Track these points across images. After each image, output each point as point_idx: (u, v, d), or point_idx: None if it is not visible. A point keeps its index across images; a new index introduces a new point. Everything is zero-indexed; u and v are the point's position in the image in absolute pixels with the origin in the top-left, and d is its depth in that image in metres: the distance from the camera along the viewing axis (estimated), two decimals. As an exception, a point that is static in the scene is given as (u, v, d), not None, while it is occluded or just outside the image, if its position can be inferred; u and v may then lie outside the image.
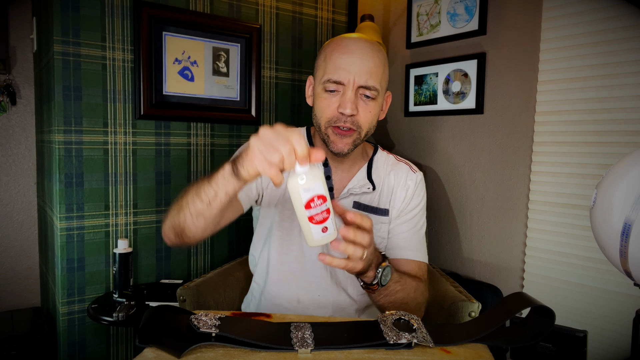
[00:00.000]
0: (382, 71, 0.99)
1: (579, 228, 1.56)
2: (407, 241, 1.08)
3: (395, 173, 1.11)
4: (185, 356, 0.68)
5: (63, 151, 1.69)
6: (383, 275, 0.87)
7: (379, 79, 0.98)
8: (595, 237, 0.80)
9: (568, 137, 1.58)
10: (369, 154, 1.14)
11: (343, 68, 0.95)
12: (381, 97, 1.02)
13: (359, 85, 0.95)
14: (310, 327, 0.76)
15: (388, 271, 0.89)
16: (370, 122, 1.01)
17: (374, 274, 0.87)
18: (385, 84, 1.02)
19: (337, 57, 0.96)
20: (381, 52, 1.00)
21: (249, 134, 2.44)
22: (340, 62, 0.95)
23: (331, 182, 1.08)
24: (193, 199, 0.85)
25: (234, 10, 2.03)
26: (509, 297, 0.80)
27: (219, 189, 0.79)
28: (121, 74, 1.80)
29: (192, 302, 1.27)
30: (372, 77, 0.95)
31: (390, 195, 1.10)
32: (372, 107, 0.99)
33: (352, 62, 0.94)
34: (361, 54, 0.95)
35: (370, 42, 1.00)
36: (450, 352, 0.72)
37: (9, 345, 1.81)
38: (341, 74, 0.95)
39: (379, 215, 1.08)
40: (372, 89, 0.96)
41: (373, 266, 0.87)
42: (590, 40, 1.51)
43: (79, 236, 1.74)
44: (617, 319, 1.47)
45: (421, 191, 1.12)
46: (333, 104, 0.97)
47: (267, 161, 0.69)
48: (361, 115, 0.97)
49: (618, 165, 0.78)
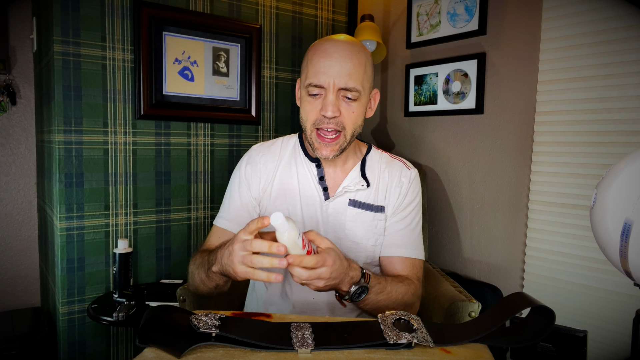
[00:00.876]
0: (363, 72, 1.00)
1: (579, 228, 1.56)
2: (402, 239, 1.09)
3: (389, 170, 1.12)
4: (185, 356, 0.68)
5: (63, 151, 1.69)
6: (354, 293, 0.91)
7: (360, 80, 0.99)
8: (595, 237, 0.80)
9: (568, 137, 1.58)
10: (363, 152, 1.15)
11: (322, 72, 0.97)
12: (365, 97, 1.02)
13: (339, 88, 0.97)
14: (311, 327, 0.76)
15: (362, 290, 0.92)
16: (355, 122, 1.02)
17: (347, 290, 0.91)
18: (368, 83, 1.03)
19: (317, 61, 0.98)
20: (362, 53, 1.00)
21: (249, 134, 2.45)
22: (320, 66, 0.97)
23: (325, 182, 1.09)
24: (201, 269, 0.98)
25: (234, 10, 2.03)
26: (509, 297, 0.80)
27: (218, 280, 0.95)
28: (121, 74, 1.80)
29: (192, 302, 1.27)
30: (351, 78, 0.97)
31: (386, 192, 1.10)
32: (355, 108, 1.00)
33: (331, 66, 0.97)
34: (340, 57, 0.97)
35: (351, 43, 1.00)
36: (450, 352, 0.72)
37: (9, 345, 1.81)
38: (321, 78, 0.97)
39: (375, 212, 1.09)
40: (353, 90, 0.98)
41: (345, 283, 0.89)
42: (590, 40, 1.51)
43: (79, 236, 1.74)
44: (617, 319, 1.47)
45: (416, 187, 1.12)
46: (316, 107, 1.00)
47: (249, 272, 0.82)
48: (344, 116, 1.00)
49: (618, 165, 0.78)
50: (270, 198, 1.10)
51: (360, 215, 1.08)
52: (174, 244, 1.96)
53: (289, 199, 1.09)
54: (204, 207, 2.03)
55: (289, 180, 1.10)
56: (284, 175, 1.11)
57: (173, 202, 1.95)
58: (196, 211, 2.01)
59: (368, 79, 1.02)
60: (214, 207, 2.05)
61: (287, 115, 2.23)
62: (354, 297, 0.91)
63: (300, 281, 0.83)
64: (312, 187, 1.09)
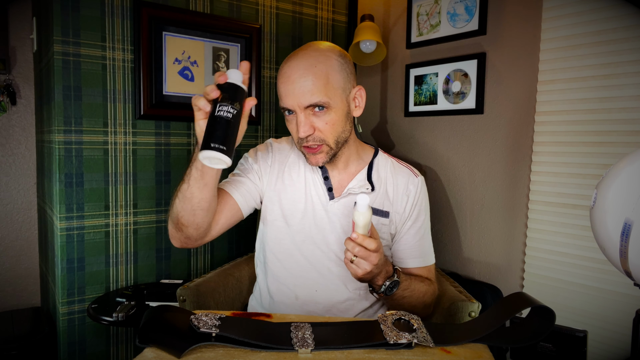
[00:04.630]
0: (325, 82, 0.98)
1: (579, 228, 1.56)
2: (417, 250, 1.12)
3: (396, 176, 1.13)
4: (185, 356, 0.68)
5: (63, 151, 1.69)
6: (388, 287, 0.96)
7: (322, 91, 0.98)
8: (595, 237, 0.80)
9: (568, 137, 1.58)
10: (369, 155, 1.15)
11: (285, 96, 0.99)
12: (337, 103, 1.01)
13: (305, 106, 0.98)
14: (311, 327, 0.76)
15: (395, 284, 0.97)
16: (334, 131, 1.02)
17: (382, 283, 0.96)
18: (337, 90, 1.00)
19: (280, 86, 1.01)
20: (320, 64, 0.98)
21: (249, 134, 2.44)
22: (283, 91, 1.00)
23: (329, 182, 1.10)
24: (179, 185, 0.96)
25: (234, 10, 2.03)
26: (509, 297, 0.80)
27: (191, 165, 0.93)
28: (121, 74, 1.80)
29: (192, 302, 1.27)
30: (313, 94, 0.97)
31: (392, 197, 1.11)
32: (329, 119, 1.00)
33: (291, 90, 0.98)
34: (297, 77, 0.98)
35: (307, 57, 0.99)
36: (450, 352, 0.72)
37: (9, 345, 1.81)
38: (287, 102, 1.00)
39: (380, 216, 1.09)
40: (319, 103, 0.98)
41: (381, 277, 0.94)
42: (590, 40, 1.51)
43: (79, 236, 1.74)
44: (617, 319, 1.47)
45: (424, 196, 1.15)
46: (294, 125, 1.02)
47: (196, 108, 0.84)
48: (320, 130, 1.00)
49: (618, 165, 0.78)
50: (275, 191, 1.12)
51: None
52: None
53: (295, 195, 1.11)
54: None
55: (297, 177, 1.12)
56: (293, 170, 1.13)
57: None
58: (196, 211, 2.01)
59: (334, 86, 1.00)
60: (214, 207, 2.04)
61: (287, 115, 2.23)
62: (387, 291, 0.96)
63: (350, 258, 0.88)
64: (317, 186, 1.11)
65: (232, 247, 2.12)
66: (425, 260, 1.13)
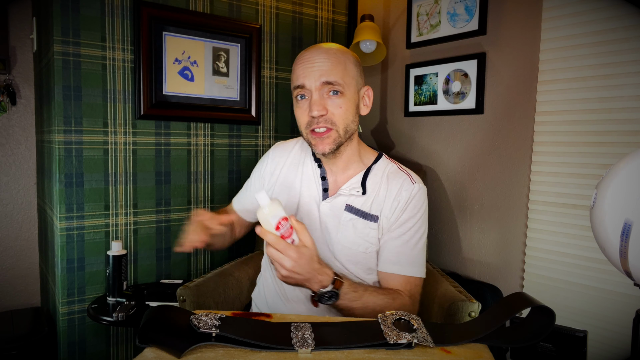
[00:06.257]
0: (344, 68, 1.03)
1: (579, 228, 1.56)
2: (399, 256, 1.07)
3: (390, 181, 1.10)
4: (185, 356, 0.68)
5: (63, 151, 1.69)
6: (322, 296, 0.95)
7: (341, 74, 1.02)
8: (595, 237, 0.80)
9: (568, 137, 1.58)
10: (370, 160, 1.15)
11: (303, 75, 1.03)
12: (350, 92, 1.04)
13: (322, 83, 1.01)
14: (311, 327, 0.76)
15: (332, 295, 0.94)
16: (345, 118, 1.04)
17: (316, 291, 0.95)
18: (351, 80, 1.05)
19: (297, 67, 1.05)
20: (340, 53, 1.05)
21: (249, 134, 2.45)
22: (300, 71, 1.04)
23: (326, 182, 1.12)
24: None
25: (234, 10, 2.03)
26: (509, 297, 0.80)
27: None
28: (121, 74, 1.80)
29: (192, 302, 1.27)
30: (331, 73, 1.01)
31: (382, 202, 1.08)
32: (342, 103, 1.03)
33: (310, 67, 1.02)
34: (319, 59, 1.03)
35: (328, 48, 1.05)
36: (450, 352, 0.72)
37: (9, 345, 1.81)
38: (303, 80, 1.03)
39: (369, 220, 1.08)
40: (335, 84, 1.01)
41: (313, 284, 0.92)
42: (590, 40, 1.51)
43: (79, 236, 1.74)
44: (617, 319, 1.47)
45: (417, 203, 1.09)
46: (305, 109, 1.04)
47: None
48: (332, 113, 1.03)
49: (618, 165, 0.78)
50: (273, 192, 1.17)
51: (353, 221, 1.08)
52: (174, 244, 1.95)
53: (291, 194, 1.14)
54: (204, 207, 2.03)
55: (293, 177, 1.16)
56: (290, 172, 1.17)
57: (173, 202, 1.95)
58: (196, 211, 2.01)
59: (350, 75, 1.05)
60: (214, 207, 2.05)
61: (287, 115, 2.23)
62: (322, 300, 0.95)
63: (269, 255, 0.90)
64: (313, 186, 1.13)
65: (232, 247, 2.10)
66: (404, 270, 1.06)
